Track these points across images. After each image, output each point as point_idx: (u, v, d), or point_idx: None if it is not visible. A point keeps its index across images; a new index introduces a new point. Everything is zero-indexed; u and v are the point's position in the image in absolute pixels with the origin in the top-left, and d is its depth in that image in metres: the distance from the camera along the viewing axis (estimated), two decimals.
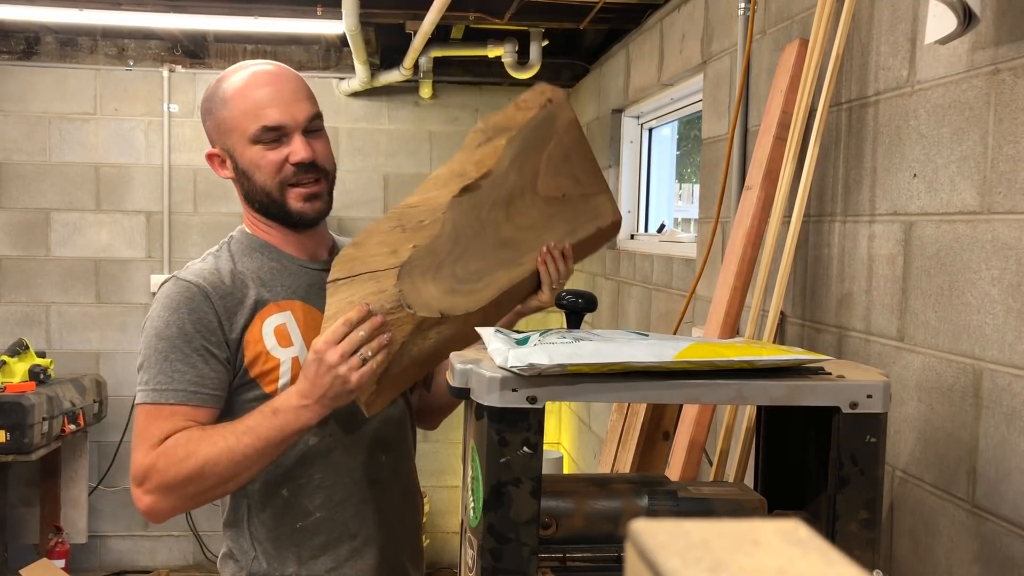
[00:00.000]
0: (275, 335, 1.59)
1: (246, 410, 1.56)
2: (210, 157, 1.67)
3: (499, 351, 1.20)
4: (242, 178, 1.63)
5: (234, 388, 1.59)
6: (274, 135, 1.58)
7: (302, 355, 1.60)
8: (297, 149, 1.58)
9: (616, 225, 1.84)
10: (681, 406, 2.30)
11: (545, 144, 1.77)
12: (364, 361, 1.44)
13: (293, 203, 1.61)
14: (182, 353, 1.54)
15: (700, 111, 3.01)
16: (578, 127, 1.84)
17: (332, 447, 1.64)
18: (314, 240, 1.71)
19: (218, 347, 1.56)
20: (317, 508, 1.63)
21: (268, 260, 1.66)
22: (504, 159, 1.69)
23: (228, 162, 1.64)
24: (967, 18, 1.44)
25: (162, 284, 1.63)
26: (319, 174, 1.63)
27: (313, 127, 1.62)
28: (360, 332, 1.44)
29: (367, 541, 1.67)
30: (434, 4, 3.28)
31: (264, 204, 1.63)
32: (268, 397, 1.56)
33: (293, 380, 1.58)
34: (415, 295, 1.52)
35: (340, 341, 1.44)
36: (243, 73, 1.63)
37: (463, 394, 1.22)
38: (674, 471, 2.20)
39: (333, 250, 1.75)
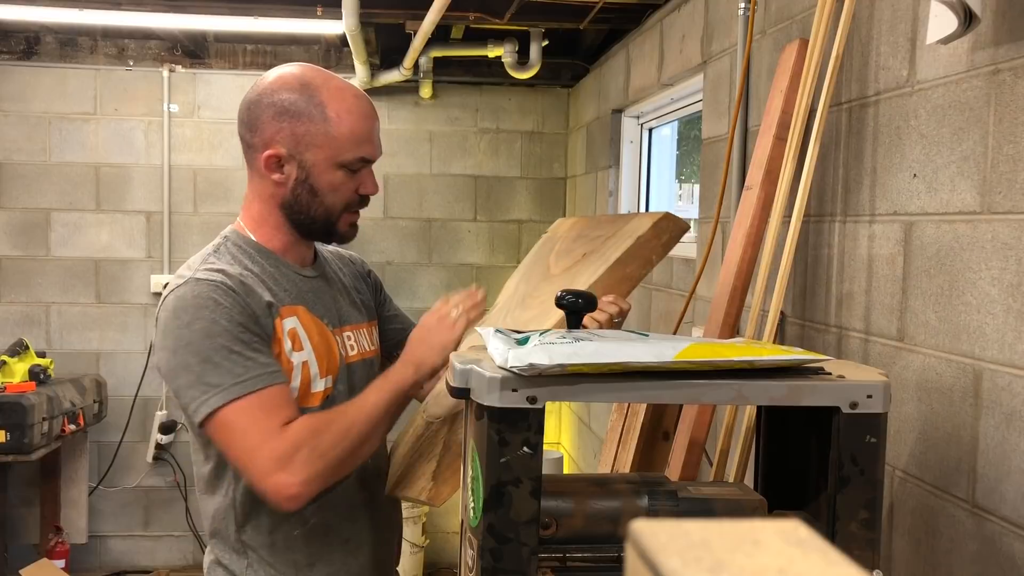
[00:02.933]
0: (290, 338, 1.59)
1: None
2: (268, 158, 1.59)
3: (499, 351, 1.20)
4: (302, 190, 1.61)
5: None
6: (360, 166, 1.63)
7: (310, 359, 1.61)
8: (370, 183, 1.65)
9: (663, 221, 1.73)
10: (681, 406, 2.30)
11: (551, 249, 1.88)
12: (458, 317, 1.62)
13: (342, 227, 1.66)
14: (243, 343, 1.49)
15: (700, 111, 3.01)
16: (583, 218, 1.89)
17: None
18: (310, 248, 1.75)
19: (265, 334, 1.55)
20: (312, 514, 1.62)
21: (268, 266, 1.64)
22: (507, 291, 1.89)
23: (290, 169, 1.60)
24: (967, 18, 1.44)
25: (171, 292, 1.55)
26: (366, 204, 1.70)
27: None
28: (456, 298, 1.65)
29: (359, 544, 1.69)
30: (434, 4, 3.28)
31: (310, 218, 1.63)
32: None
33: (301, 384, 1.59)
34: (439, 408, 1.65)
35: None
36: (345, 93, 1.61)
37: (463, 394, 1.22)
38: (674, 471, 2.20)
39: (316, 254, 1.78)
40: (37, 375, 4.21)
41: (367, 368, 1.75)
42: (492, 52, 4.36)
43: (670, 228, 1.74)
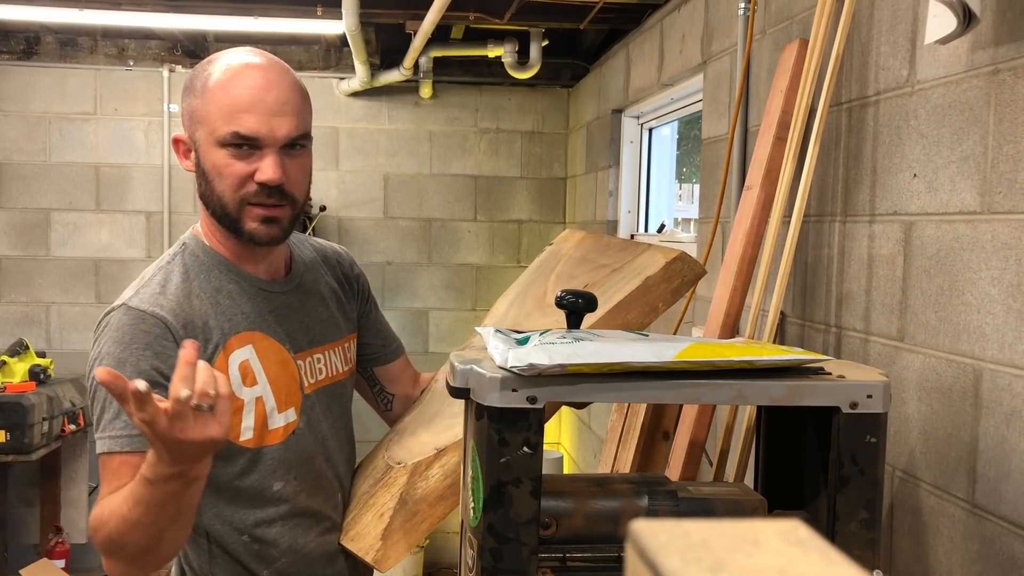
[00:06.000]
0: (240, 373, 1.45)
1: None
2: (176, 142, 1.50)
3: (499, 351, 1.20)
4: (201, 177, 1.46)
5: None
6: (246, 144, 1.41)
7: (265, 393, 1.47)
8: (265, 167, 1.40)
9: (676, 263, 1.54)
10: (681, 406, 2.30)
11: (552, 269, 1.75)
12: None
13: (248, 222, 1.44)
14: None
15: (700, 111, 3.01)
16: (592, 236, 1.77)
17: (296, 492, 1.53)
18: (272, 255, 1.56)
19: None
20: (282, 553, 1.53)
21: (226, 281, 1.50)
22: (498, 311, 1.74)
23: (192, 154, 1.47)
24: (967, 18, 1.44)
25: (110, 310, 1.43)
26: (284, 200, 1.45)
27: (295, 143, 1.44)
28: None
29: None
30: (434, 4, 3.28)
31: (217, 213, 1.46)
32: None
33: (256, 422, 1.46)
34: (404, 452, 1.57)
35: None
36: (233, 63, 1.43)
37: (463, 394, 1.22)
38: (674, 471, 2.20)
39: (290, 264, 1.61)
40: (37, 375, 4.21)
41: (330, 395, 1.61)
42: (492, 52, 4.36)
43: (683, 272, 1.55)
